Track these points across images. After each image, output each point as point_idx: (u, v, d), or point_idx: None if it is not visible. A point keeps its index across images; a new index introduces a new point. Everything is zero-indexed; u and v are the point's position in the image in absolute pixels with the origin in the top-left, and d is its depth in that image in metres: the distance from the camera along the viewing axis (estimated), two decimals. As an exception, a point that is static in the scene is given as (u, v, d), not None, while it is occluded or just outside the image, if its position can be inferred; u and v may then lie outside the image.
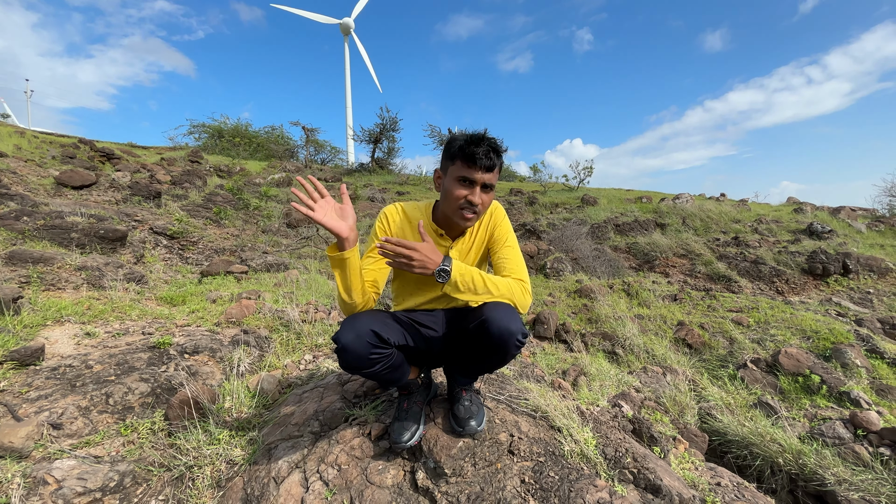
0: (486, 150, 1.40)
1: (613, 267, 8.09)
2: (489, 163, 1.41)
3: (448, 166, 1.48)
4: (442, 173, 1.53)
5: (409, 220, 1.62)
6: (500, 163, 1.47)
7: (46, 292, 3.42)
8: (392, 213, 1.62)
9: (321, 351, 2.90)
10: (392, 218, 1.61)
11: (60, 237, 4.59)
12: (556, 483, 1.44)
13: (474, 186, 1.43)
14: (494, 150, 1.43)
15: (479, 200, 1.43)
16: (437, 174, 1.56)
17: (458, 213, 1.46)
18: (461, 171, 1.42)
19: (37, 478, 1.56)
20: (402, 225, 1.61)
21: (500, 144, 1.45)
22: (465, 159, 1.41)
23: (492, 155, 1.41)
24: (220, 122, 19.38)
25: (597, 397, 2.82)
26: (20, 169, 7.58)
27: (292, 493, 1.50)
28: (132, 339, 2.79)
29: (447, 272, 1.31)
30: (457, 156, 1.43)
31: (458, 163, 1.43)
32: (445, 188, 1.48)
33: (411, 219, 1.62)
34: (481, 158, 1.39)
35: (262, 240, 7.35)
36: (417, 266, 1.28)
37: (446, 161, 1.49)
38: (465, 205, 1.44)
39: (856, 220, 9.25)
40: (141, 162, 10.96)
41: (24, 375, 2.19)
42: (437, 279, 1.31)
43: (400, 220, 1.62)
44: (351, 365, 1.38)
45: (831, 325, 4.75)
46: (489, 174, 1.43)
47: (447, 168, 1.49)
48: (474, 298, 1.39)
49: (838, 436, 2.99)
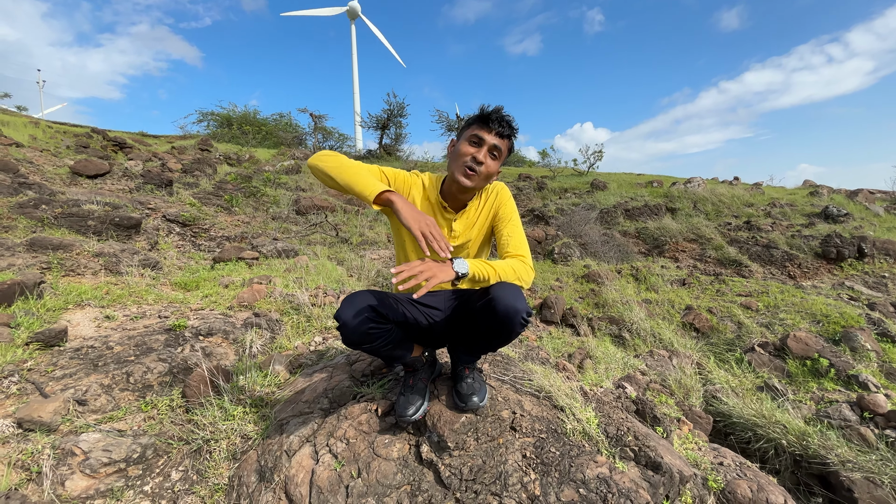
0: (500, 116, 1.49)
1: (622, 252, 8.04)
2: (501, 128, 1.48)
3: (463, 132, 1.55)
4: (456, 141, 1.59)
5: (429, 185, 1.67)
6: (511, 139, 1.54)
7: (66, 278, 3.54)
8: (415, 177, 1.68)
9: (330, 333, 2.98)
10: (413, 178, 1.67)
11: (78, 225, 4.71)
12: (556, 458, 1.49)
13: (483, 145, 1.49)
14: (509, 123, 1.51)
15: (483, 160, 1.48)
16: (452, 143, 1.63)
17: (462, 169, 1.51)
18: (474, 131, 1.50)
19: (65, 449, 1.66)
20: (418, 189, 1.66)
21: (514, 123, 1.52)
22: (480, 121, 1.50)
23: (505, 125, 1.49)
24: (229, 111, 19.44)
25: (601, 379, 2.86)
26: (36, 159, 7.74)
27: (303, 464, 1.57)
28: (149, 322, 2.89)
29: (464, 267, 1.33)
30: (473, 121, 1.52)
31: (473, 126, 1.52)
32: (456, 149, 1.55)
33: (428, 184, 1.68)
34: (495, 122, 1.47)
35: (272, 226, 7.45)
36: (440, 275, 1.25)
37: (464, 130, 1.56)
38: (469, 162, 1.49)
39: (874, 203, 9.02)
40: (152, 151, 11.10)
41: (49, 356, 2.30)
42: (456, 280, 1.33)
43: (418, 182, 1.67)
44: (352, 340, 1.44)
45: (842, 310, 4.70)
46: (499, 139, 1.50)
47: (462, 134, 1.56)
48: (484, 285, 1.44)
49: (844, 418, 3.00)
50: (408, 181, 1.66)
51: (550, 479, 1.41)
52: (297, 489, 1.49)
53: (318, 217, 8.09)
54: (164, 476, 1.70)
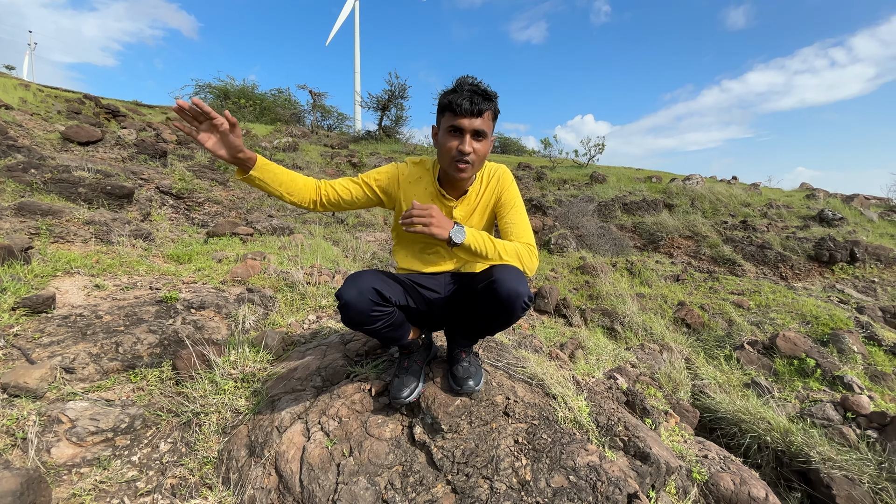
0: (468, 94, 1.35)
1: (618, 245, 8.06)
2: (474, 108, 1.35)
3: (440, 119, 1.45)
4: (437, 129, 1.50)
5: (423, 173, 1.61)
6: (491, 107, 1.41)
7: (55, 244, 3.47)
8: (403, 168, 1.62)
9: (325, 312, 2.95)
10: (401, 170, 1.61)
11: (68, 191, 4.61)
12: (548, 445, 1.49)
13: (464, 135, 1.38)
14: (480, 93, 1.36)
15: (469, 149, 1.39)
16: (434, 131, 1.53)
17: (453, 164, 1.43)
18: (449, 122, 1.39)
19: (51, 416, 1.63)
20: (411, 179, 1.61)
21: (486, 87, 1.39)
22: (450, 109, 1.37)
23: (476, 99, 1.35)
24: (227, 83, 18.97)
25: (593, 369, 2.87)
26: (26, 122, 7.53)
27: (294, 441, 1.56)
28: (140, 292, 2.85)
29: (461, 236, 1.29)
30: (444, 108, 1.40)
31: (446, 115, 1.40)
32: (439, 142, 1.46)
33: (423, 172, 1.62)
34: (465, 104, 1.34)
35: (267, 203, 7.35)
36: (436, 230, 1.25)
37: (438, 115, 1.46)
38: (457, 155, 1.40)
39: (868, 208, 9.09)
40: (146, 120, 10.85)
41: (36, 322, 2.26)
42: (449, 244, 1.29)
43: (409, 174, 1.61)
44: (353, 321, 1.41)
45: (832, 312, 4.76)
46: (478, 119, 1.37)
47: (439, 122, 1.46)
48: (483, 262, 1.40)
49: (827, 417, 3.05)
50: (394, 175, 1.59)
51: (541, 465, 1.41)
52: (288, 465, 1.48)
53: (315, 196, 7.99)
54: (152, 447, 1.68)
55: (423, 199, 1.57)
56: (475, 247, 1.33)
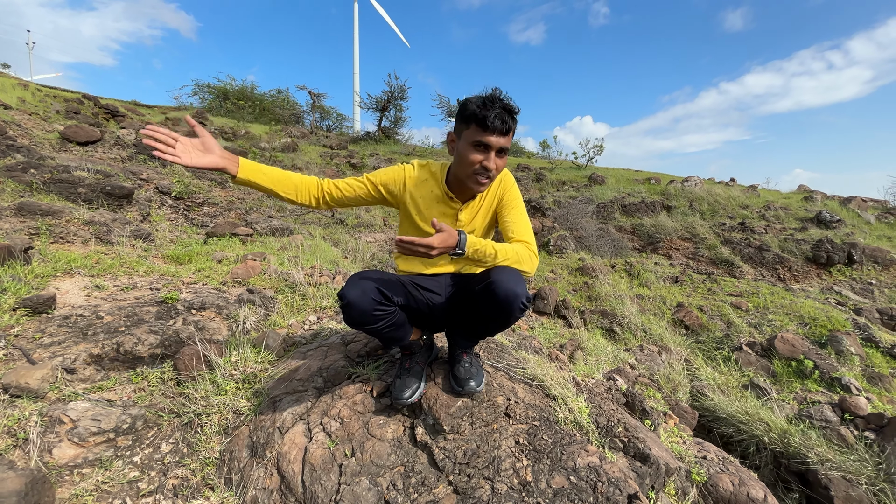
0: (500, 112, 1.36)
1: (617, 247, 8.08)
2: (504, 127, 1.37)
3: (462, 130, 1.44)
4: (456, 137, 1.50)
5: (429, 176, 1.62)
6: (516, 125, 1.43)
7: (55, 244, 3.46)
8: (410, 170, 1.63)
9: (325, 313, 2.96)
10: (408, 172, 1.61)
11: (67, 191, 4.60)
12: (549, 446, 1.50)
13: (489, 151, 1.40)
14: (509, 112, 1.38)
15: (493, 166, 1.41)
16: (451, 137, 1.53)
17: (473, 177, 1.45)
18: (476, 136, 1.39)
19: (53, 417, 1.63)
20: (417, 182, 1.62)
21: (514, 106, 1.41)
22: (480, 123, 1.37)
23: (506, 118, 1.37)
24: (226, 83, 18.93)
25: (592, 370, 2.88)
26: (25, 122, 7.52)
27: (296, 441, 1.57)
28: (140, 293, 2.85)
29: (462, 251, 1.31)
30: (471, 119, 1.39)
31: (472, 127, 1.39)
32: (459, 152, 1.46)
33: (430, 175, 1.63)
34: (496, 122, 1.35)
35: (266, 203, 7.35)
36: (436, 255, 1.27)
37: (460, 124, 1.45)
38: (479, 170, 1.42)
39: (866, 210, 9.13)
40: (145, 120, 10.84)
41: (36, 322, 2.25)
42: (451, 256, 1.32)
43: (417, 177, 1.62)
44: (355, 320, 1.42)
45: (830, 313, 4.79)
46: (504, 138, 1.40)
47: (461, 132, 1.45)
48: (484, 267, 1.42)
49: (825, 418, 3.07)
50: (400, 176, 1.60)
51: (542, 466, 1.42)
52: (290, 466, 1.49)
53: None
54: (153, 448, 1.68)
55: (429, 200, 1.60)
56: (476, 256, 1.35)
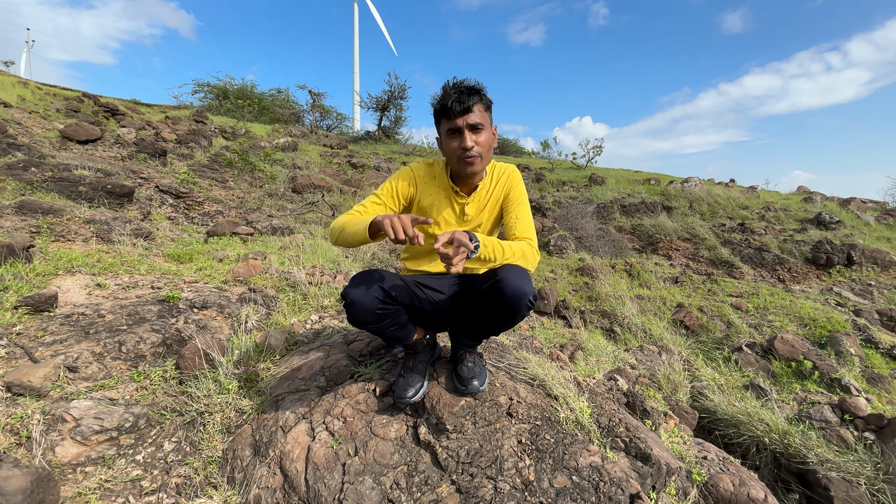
0: (455, 96, 1.42)
1: (616, 247, 8.09)
2: (462, 106, 1.42)
3: (439, 128, 1.54)
4: (439, 137, 1.58)
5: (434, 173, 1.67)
6: (479, 99, 1.46)
7: (56, 243, 3.46)
8: (417, 168, 1.68)
9: (327, 312, 2.96)
10: (416, 170, 1.67)
11: (68, 190, 4.59)
12: (551, 445, 1.51)
13: (462, 134, 1.46)
14: (465, 91, 1.43)
15: (471, 143, 1.46)
16: (438, 140, 1.61)
17: (461, 163, 1.50)
18: (446, 126, 1.48)
19: (55, 415, 1.64)
20: (426, 178, 1.67)
21: (471, 83, 1.46)
22: (444, 114, 1.46)
23: (463, 97, 1.42)
24: (226, 83, 18.93)
25: (593, 371, 2.89)
26: (25, 120, 7.51)
27: (299, 441, 1.57)
28: (142, 292, 2.85)
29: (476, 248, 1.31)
30: (439, 115, 1.49)
31: (442, 121, 1.49)
32: (443, 148, 1.55)
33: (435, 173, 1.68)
34: (455, 106, 1.41)
35: (267, 203, 7.34)
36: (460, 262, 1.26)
37: (436, 125, 1.55)
38: (461, 153, 1.48)
39: (865, 212, 9.15)
40: (145, 119, 10.82)
41: (38, 321, 2.25)
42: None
43: (424, 174, 1.67)
44: (358, 319, 1.43)
45: (829, 315, 4.79)
46: (469, 115, 1.44)
47: (440, 131, 1.55)
48: (491, 266, 1.43)
49: (825, 419, 3.08)
50: (410, 176, 1.65)
51: (544, 466, 1.42)
52: (293, 465, 1.49)
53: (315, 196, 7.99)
54: (156, 446, 1.69)
55: (437, 196, 1.64)
56: (487, 256, 1.36)
